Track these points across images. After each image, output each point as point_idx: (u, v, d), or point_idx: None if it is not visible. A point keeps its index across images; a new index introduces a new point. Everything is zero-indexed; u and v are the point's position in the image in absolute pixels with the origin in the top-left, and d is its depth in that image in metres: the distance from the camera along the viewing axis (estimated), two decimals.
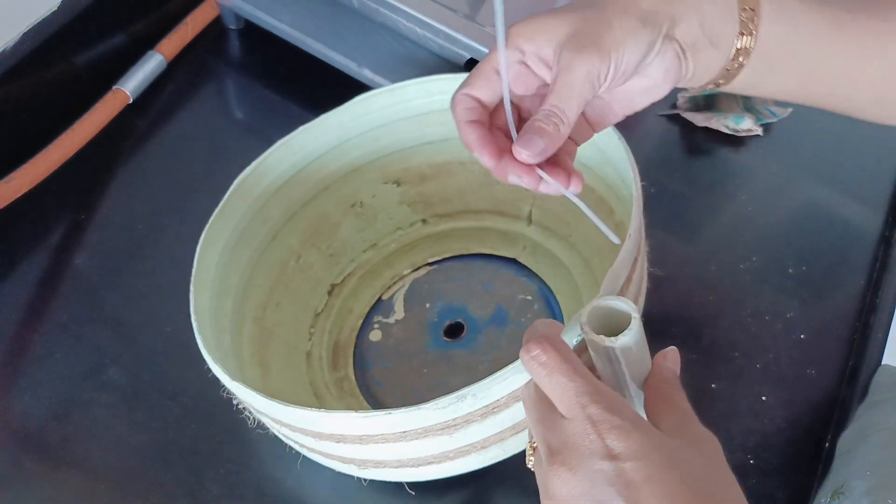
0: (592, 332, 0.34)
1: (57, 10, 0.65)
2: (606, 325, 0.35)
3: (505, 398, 0.40)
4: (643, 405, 0.37)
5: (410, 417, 0.39)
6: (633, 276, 0.43)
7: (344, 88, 0.56)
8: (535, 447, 0.36)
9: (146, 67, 0.70)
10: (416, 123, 0.57)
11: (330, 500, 0.52)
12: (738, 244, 0.62)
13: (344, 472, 0.48)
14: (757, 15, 0.38)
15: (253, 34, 0.74)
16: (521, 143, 0.36)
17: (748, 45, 0.38)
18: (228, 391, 0.45)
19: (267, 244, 0.56)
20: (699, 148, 0.68)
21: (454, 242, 0.61)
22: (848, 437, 0.52)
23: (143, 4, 0.71)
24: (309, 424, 0.43)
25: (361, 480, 0.49)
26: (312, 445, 0.46)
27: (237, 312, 0.53)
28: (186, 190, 0.66)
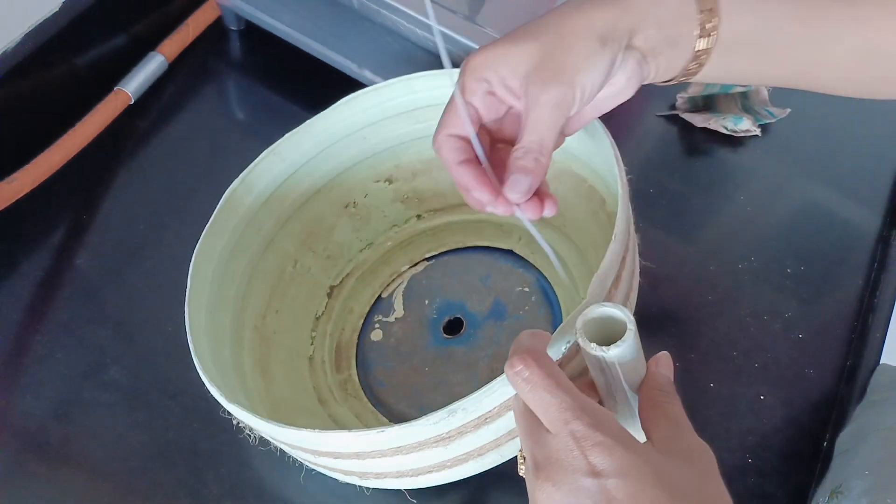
0: (587, 340, 0.34)
1: (58, 11, 0.65)
2: (601, 331, 0.35)
3: (497, 408, 0.39)
4: (637, 411, 0.36)
5: (403, 434, 0.39)
6: (622, 274, 0.43)
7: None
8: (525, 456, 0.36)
9: (147, 68, 0.70)
10: (403, 120, 0.57)
11: (331, 501, 0.52)
12: (736, 244, 0.62)
13: (346, 481, 0.48)
14: (715, 14, 0.38)
15: (254, 35, 0.74)
16: (509, 187, 0.38)
17: (708, 44, 0.38)
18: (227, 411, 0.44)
19: (262, 252, 0.55)
20: (698, 148, 0.68)
21: (450, 236, 0.61)
22: (846, 436, 0.52)
23: (144, 5, 0.71)
24: (305, 443, 0.42)
25: (364, 488, 0.49)
26: (313, 460, 0.46)
27: (236, 323, 0.52)
28: (187, 190, 0.66)
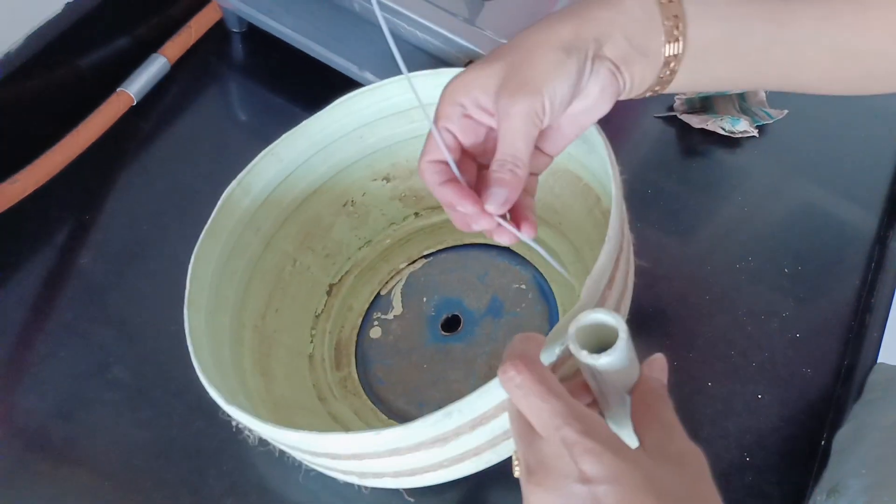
0: (578, 347, 0.34)
1: (61, 12, 0.65)
2: (594, 335, 0.35)
3: (493, 410, 0.39)
4: (629, 415, 0.36)
5: (400, 435, 0.39)
6: (616, 275, 0.43)
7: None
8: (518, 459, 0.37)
9: (150, 70, 0.70)
10: (399, 119, 0.57)
11: (332, 500, 0.53)
12: (734, 244, 0.63)
13: (345, 481, 0.48)
14: (682, 21, 0.38)
15: (255, 37, 0.74)
16: (487, 200, 0.39)
17: (676, 51, 0.39)
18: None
19: (261, 253, 0.56)
20: (695, 149, 0.68)
21: (448, 234, 0.62)
22: (844, 435, 0.53)
23: (146, 8, 0.72)
24: (303, 445, 0.43)
25: (362, 487, 0.49)
26: (311, 460, 0.46)
27: (236, 324, 0.52)
28: (190, 191, 0.66)
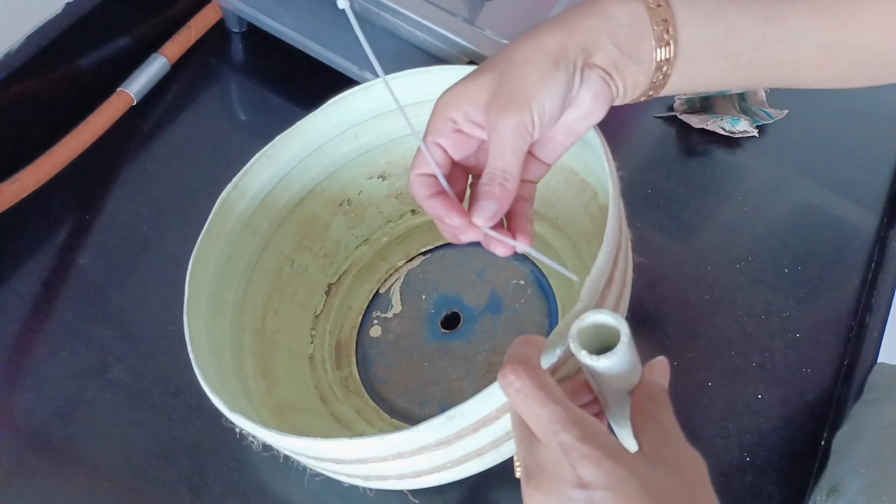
0: (579, 347, 0.34)
1: (61, 12, 0.65)
2: (596, 336, 0.35)
3: (495, 412, 0.39)
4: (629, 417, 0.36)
5: (403, 440, 0.39)
6: (615, 274, 0.43)
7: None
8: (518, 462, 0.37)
9: (150, 70, 0.71)
10: (393, 117, 0.57)
11: (337, 502, 0.53)
12: (734, 244, 0.63)
13: (350, 483, 0.48)
14: (671, 25, 0.38)
15: (255, 37, 0.74)
16: (475, 213, 0.39)
17: (668, 55, 0.39)
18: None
19: (259, 255, 0.56)
20: (695, 149, 0.68)
21: None
22: (843, 435, 0.53)
23: (146, 8, 0.72)
24: (307, 451, 0.43)
25: (367, 489, 0.50)
26: (315, 465, 0.46)
27: (236, 327, 0.52)
28: (190, 191, 0.66)
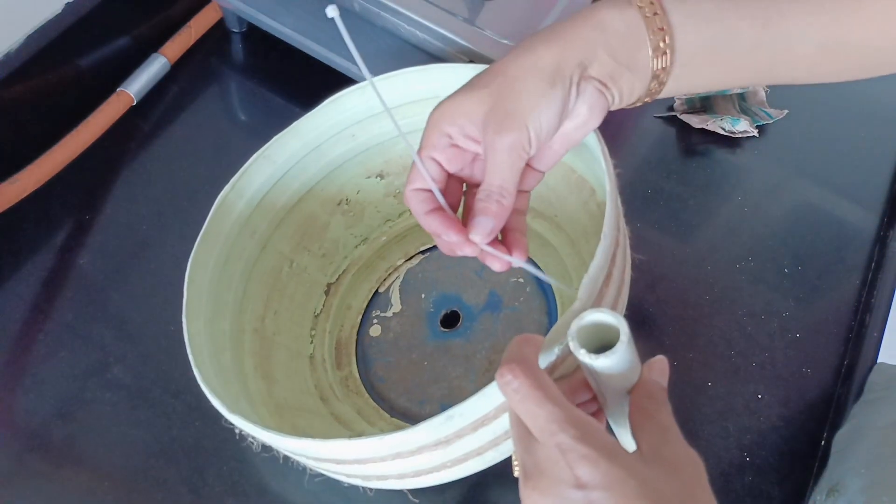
0: (578, 346, 0.34)
1: (61, 12, 0.65)
2: (595, 335, 0.35)
3: (494, 411, 0.40)
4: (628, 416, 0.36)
5: (402, 440, 0.39)
6: (612, 272, 0.43)
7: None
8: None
9: (150, 70, 0.71)
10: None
11: (337, 501, 0.53)
12: (734, 244, 0.63)
13: (350, 483, 0.48)
14: (668, 34, 0.38)
15: (255, 37, 0.74)
16: (472, 229, 0.39)
17: (665, 64, 0.39)
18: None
19: (257, 255, 0.55)
20: (695, 149, 0.68)
21: None
22: (843, 435, 0.53)
23: (146, 8, 0.72)
24: (307, 451, 0.43)
25: (367, 488, 0.50)
26: (315, 465, 0.46)
27: (236, 328, 0.52)
28: (189, 191, 0.66)
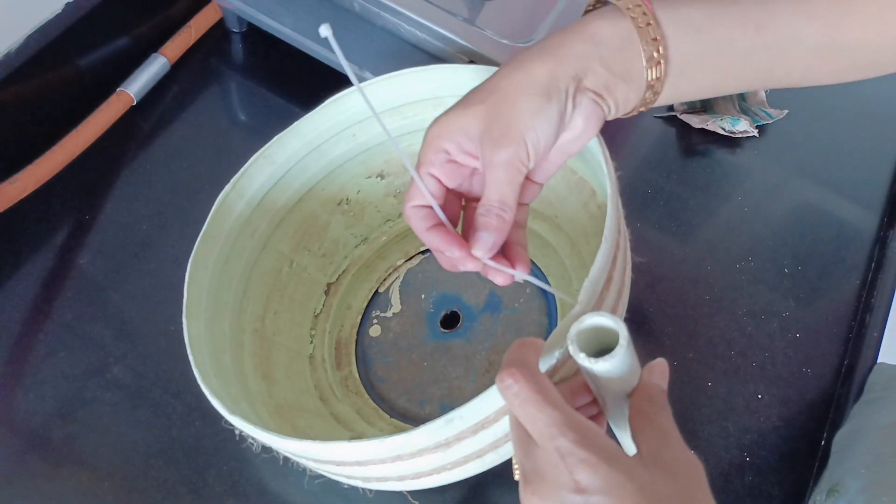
0: (577, 349, 0.34)
1: (61, 13, 0.65)
2: (595, 338, 0.35)
3: (494, 414, 0.40)
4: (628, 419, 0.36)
5: (402, 443, 0.39)
6: (613, 274, 0.43)
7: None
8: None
9: (150, 70, 0.71)
10: (390, 117, 0.56)
11: (333, 501, 0.53)
12: (734, 244, 0.63)
13: (350, 484, 0.48)
14: (662, 44, 0.38)
15: (255, 37, 0.74)
16: (474, 244, 0.40)
17: (659, 74, 0.39)
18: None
19: (257, 255, 0.55)
20: (695, 149, 0.68)
21: None
22: (843, 435, 0.53)
23: (146, 8, 0.72)
24: (306, 453, 0.43)
25: (367, 490, 0.50)
26: (315, 467, 0.46)
27: (236, 329, 0.52)
28: (190, 191, 0.66)
